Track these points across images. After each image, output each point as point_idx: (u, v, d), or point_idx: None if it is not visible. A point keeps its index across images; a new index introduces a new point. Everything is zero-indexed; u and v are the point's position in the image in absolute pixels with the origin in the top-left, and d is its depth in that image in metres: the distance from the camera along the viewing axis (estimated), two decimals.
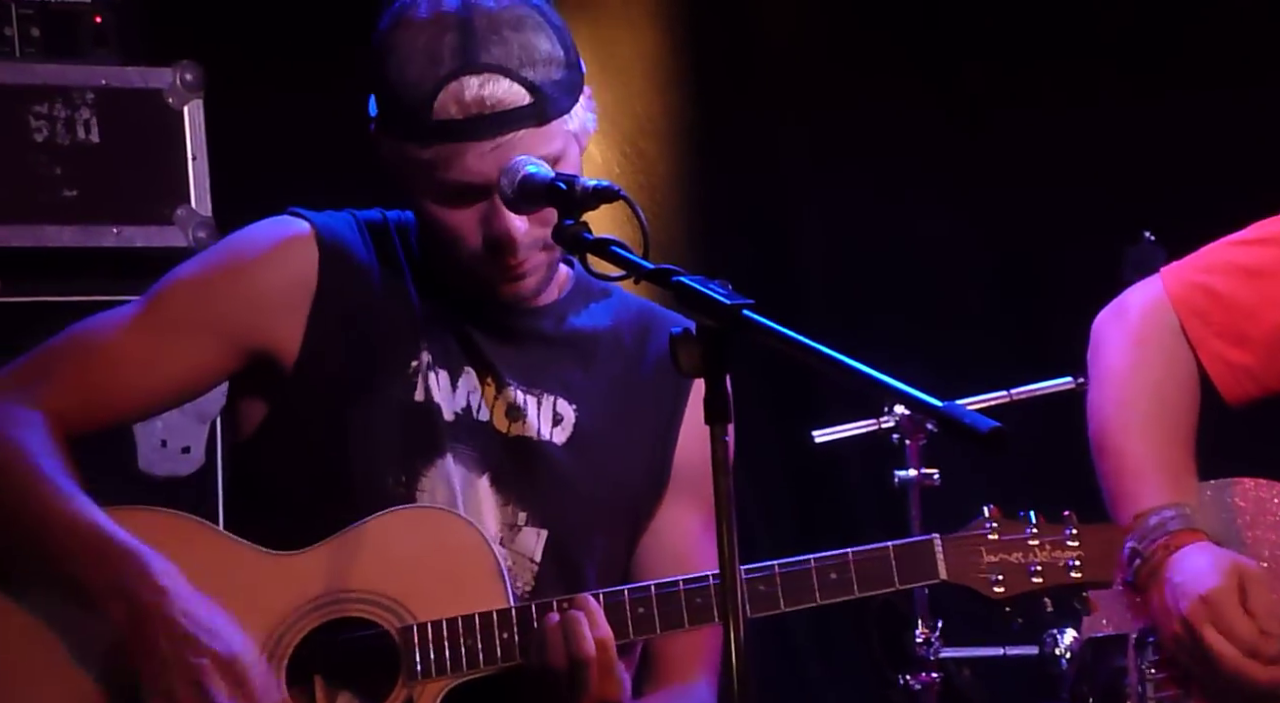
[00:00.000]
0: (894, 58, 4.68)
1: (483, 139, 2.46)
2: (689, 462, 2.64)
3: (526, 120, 2.46)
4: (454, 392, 2.59)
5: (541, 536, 2.59)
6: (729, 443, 2.05)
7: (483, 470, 2.58)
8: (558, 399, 2.61)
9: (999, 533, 2.52)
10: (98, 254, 3.43)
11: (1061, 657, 3.39)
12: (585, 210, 2.32)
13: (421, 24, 2.48)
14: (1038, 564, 2.51)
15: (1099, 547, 2.52)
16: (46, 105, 3.41)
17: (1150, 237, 3.80)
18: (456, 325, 2.60)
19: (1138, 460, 2.73)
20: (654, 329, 2.67)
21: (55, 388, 2.55)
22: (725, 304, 2.06)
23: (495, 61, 2.46)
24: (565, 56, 2.51)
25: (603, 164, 4.55)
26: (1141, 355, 2.78)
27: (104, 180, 3.44)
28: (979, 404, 3.76)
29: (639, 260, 2.23)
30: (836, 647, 4.50)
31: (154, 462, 3.43)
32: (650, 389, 2.64)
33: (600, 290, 2.68)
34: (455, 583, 2.49)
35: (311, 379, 2.56)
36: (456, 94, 2.45)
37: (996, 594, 2.51)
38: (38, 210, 3.40)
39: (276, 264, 2.59)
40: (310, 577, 2.50)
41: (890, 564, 2.50)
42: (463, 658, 2.47)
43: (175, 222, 3.48)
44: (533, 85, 2.46)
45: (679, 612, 2.48)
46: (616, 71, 4.58)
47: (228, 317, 2.57)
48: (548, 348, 2.62)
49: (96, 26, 3.48)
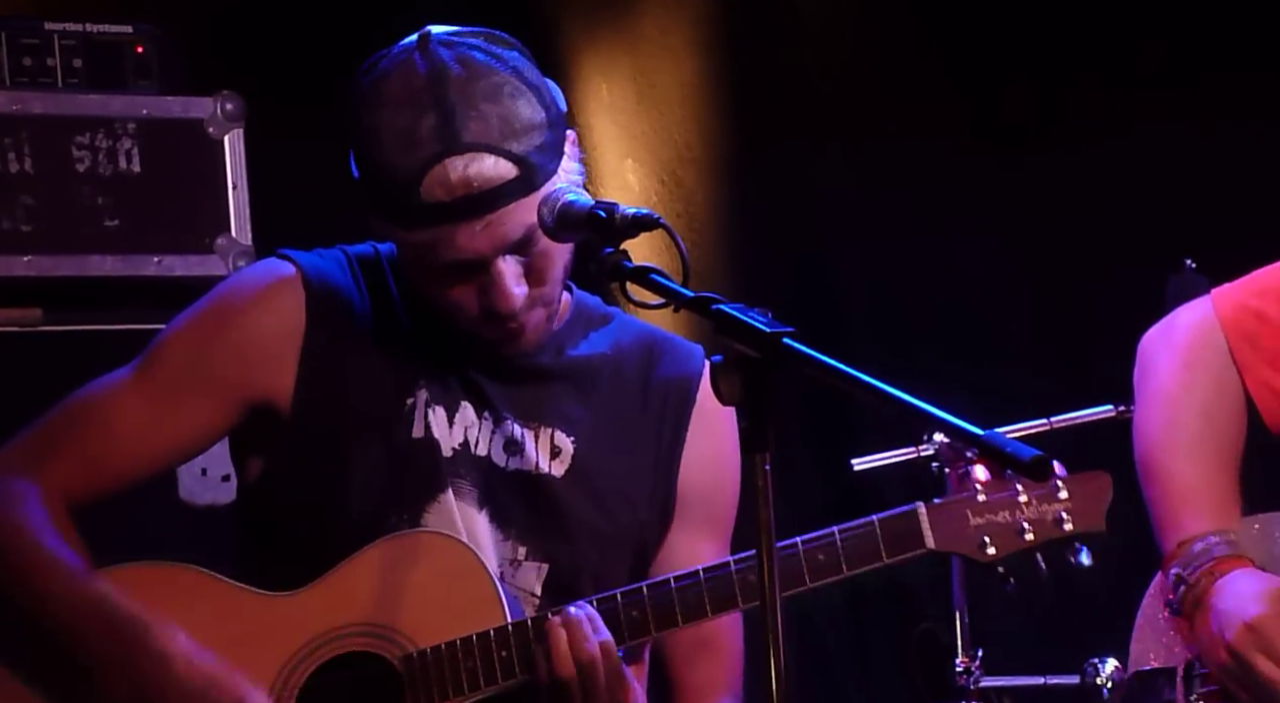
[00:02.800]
0: (934, 86, 4.67)
1: (472, 219, 2.43)
2: (696, 487, 2.63)
3: (515, 194, 2.44)
4: (451, 427, 2.57)
5: (542, 569, 2.57)
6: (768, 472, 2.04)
7: (482, 506, 2.57)
8: (555, 431, 2.60)
9: (985, 494, 2.48)
10: (139, 283, 3.45)
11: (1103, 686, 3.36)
12: (625, 239, 2.32)
13: (396, 103, 2.44)
14: (1026, 521, 2.47)
15: (1087, 496, 2.48)
16: (89, 135, 3.43)
17: (1192, 265, 3.78)
18: (452, 360, 2.58)
19: (1184, 484, 2.71)
20: (655, 354, 2.65)
21: (56, 462, 2.54)
22: (766, 332, 2.05)
23: (477, 139, 2.42)
24: (546, 116, 2.47)
25: (640, 192, 4.55)
26: (1190, 376, 2.76)
27: (145, 210, 3.46)
28: (1019, 432, 3.74)
29: (679, 288, 2.22)
30: (876, 675, 4.48)
31: (195, 491, 3.44)
32: (652, 416, 2.63)
33: (601, 316, 2.67)
34: (452, 606, 2.48)
35: (308, 423, 2.55)
36: (441, 177, 2.42)
37: (988, 557, 2.47)
38: (80, 240, 3.42)
39: (261, 311, 2.57)
40: (310, 615, 2.50)
41: (877, 539, 2.47)
42: (463, 680, 2.46)
43: (216, 251, 3.50)
44: (518, 157, 2.43)
45: (672, 610, 2.47)
46: (655, 100, 4.58)
47: (220, 374, 2.56)
48: (545, 380, 2.61)
49: (138, 57, 3.50)
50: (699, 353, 2.67)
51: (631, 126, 4.59)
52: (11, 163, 3.38)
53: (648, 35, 4.59)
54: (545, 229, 2.43)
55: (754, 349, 2.06)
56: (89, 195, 3.43)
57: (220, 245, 3.50)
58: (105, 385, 2.58)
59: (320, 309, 2.56)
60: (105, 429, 2.55)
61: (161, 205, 3.47)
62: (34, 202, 3.39)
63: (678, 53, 4.60)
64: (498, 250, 2.46)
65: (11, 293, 3.40)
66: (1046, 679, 3.82)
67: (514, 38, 2.54)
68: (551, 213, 2.41)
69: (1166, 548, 2.69)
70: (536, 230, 2.44)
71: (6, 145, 3.38)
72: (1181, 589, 2.64)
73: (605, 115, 4.55)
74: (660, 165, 4.61)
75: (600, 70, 4.54)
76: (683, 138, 4.61)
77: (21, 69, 3.43)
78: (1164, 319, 2.85)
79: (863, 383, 2.01)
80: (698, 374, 2.64)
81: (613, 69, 4.54)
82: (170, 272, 3.46)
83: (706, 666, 2.61)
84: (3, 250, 3.37)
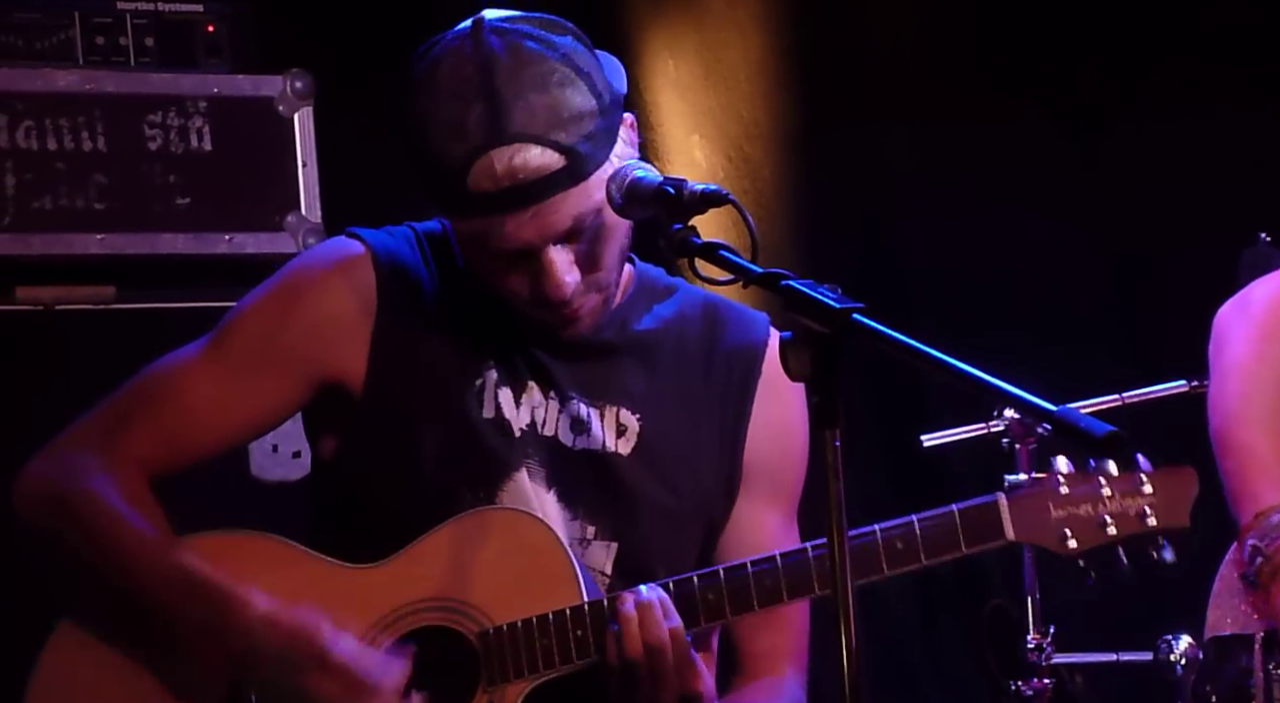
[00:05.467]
0: (1002, 59, 4.65)
1: (519, 210, 2.43)
2: (762, 458, 2.62)
3: (562, 184, 2.43)
4: (518, 408, 2.57)
5: (611, 548, 2.57)
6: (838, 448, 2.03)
7: (550, 486, 2.57)
8: (621, 410, 2.59)
9: (1068, 486, 2.44)
10: (210, 261, 3.47)
11: (1177, 663, 3.34)
12: (693, 215, 2.31)
13: (446, 93, 2.44)
14: (1109, 515, 2.42)
15: (1172, 491, 2.42)
16: (160, 114, 3.45)
17: (1266, 238, 3.75)
18: (518, 340, 2.58)
19: (1261, 456, 2.70)
20: (719, 324, 2.64)
21: (129, 437, 2.56)
22: (836, 308, 2.04)
23: (523, 130, 2.41)
24: (598, 104, 2.45)
25: (708, 168, 4.54)
26: (1267, 349, 2.75)
27: (216, 188, 3.48)
28: (1090, 408, 3.72)
29: (748, 264, 2.22)
30: (947, 652, 4.47)
31: (266, 467, 3.46)
32: (717, 389, 2.62)
33: (664, 288, 2.66)
34: (528, 583, 2.48)
35: (381, 401, 2.56)
36: (487, 168, 2.42)
37: (1069, 550, 2.43)
38: (152, 219, 3.44)
39: (333, 290, 2.57)
40: (388, 588, 2.51)
41: (956, 529, 2.44)
42: (539, 658, 2.47)
43: (286, 228, 3.52)
44: (565, 148, 2.42)
45: (748, 594, 2.46)
46: (722, 76, 4.57)
47: (291, 351, 2.56)
48: (610, 358, 2.60)
49: (209, 36, 3.52)
50: (763, 321, 2.66)
51: (698, 102, 4.58)
52: (85, 141, 3.41)
53: (714, 9, 4.57)
54: (614, 205, 2.42)
55: (823, 325, 2.05)
56: (160, 174, 3.45)
57: (290, 223, 3.52)
58: (177, 361, 2.60)
59: (390, 287, 2.57)
60: (177, 404, 2.57)
61: (232, 183, 3.49)
62: (107, 180, 3.41)
63: (744, 27, 4.59)
64: (546, 240, 2.46)
65: (85, 271, 3.42)
66: (1119, 656, 3.80)
67: (570, 22, 2.52)
68: (620, 189, 2.40)
69: (1243, 520, 2.68)
70: (587, 219, 2.45)
71: (80, 124, 3.40)
72: (1258, 561, 2.63)
73: (672, 91, 4.54)
74: (727, 141, 4.60)
75: (667, 46, 4.53)
76: (749, 113, 4.60)
77: (94, 48, 3.45)
78: (1239, 293, 2.83)
79: (934, 359, 2.00)
80: (763, 342, 2.63)
81: (679, 44, 4.53)
82: (241, 249, 3.48)
83: (771, 635, 2.60)
84: (76, 229, 3.39)
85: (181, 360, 2.59)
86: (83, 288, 3.43)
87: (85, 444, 2.57)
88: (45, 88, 3.40)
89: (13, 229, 3.36)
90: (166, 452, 2.57)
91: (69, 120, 3.39)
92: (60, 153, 3.39)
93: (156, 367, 2.60)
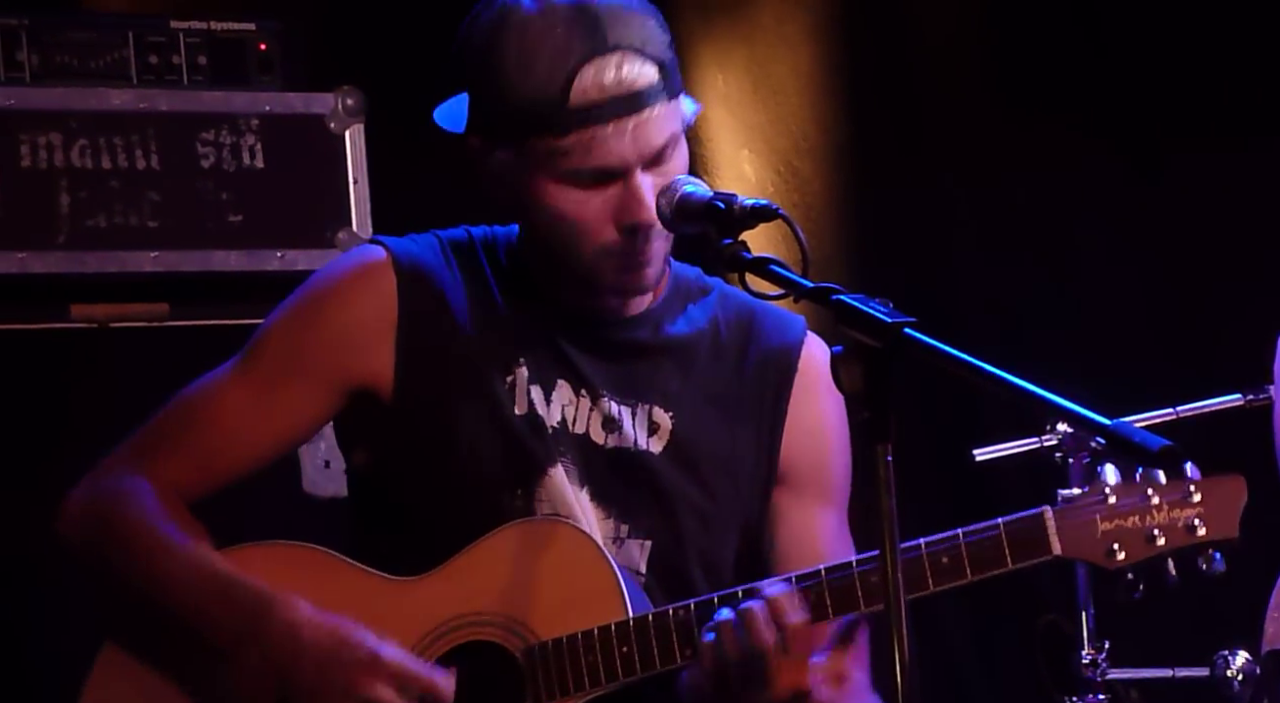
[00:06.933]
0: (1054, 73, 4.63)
1: (625, 117, 2.46)
2: (802, 459, 2.62)
3: (660, 96, 2.48)
4: (549, 405, 2.58)
5: (645, 547, 2.57)
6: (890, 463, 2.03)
7: (583, 484, 2.58)
8: (653, 408, 2.60)
9: (1115, 497, 2.40)
10: (262, 278, 3.48)
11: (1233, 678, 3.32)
12: (743, 229, 2.32)
13: (535, 20, 2.48)
14: (1157, 527, 2.38)
15: (1221, 500, 2.37)
16: (213, 132, 3.47)
17: None
18: (548, 338, 2.59)
19: None
20: (755, 325, 2.64)
21: (166, 459, 2.58)
22: (888, 322, 2.04)
23: (622, 40, 2.46)
24: (669, 37, 2.53)
25: (757, 182, 4.54)
26: None
27: (268, 205, 3.50)
28: (1144, 422, 3.70)
29: (799, 279, 2.22)
30: (1001, 667, 4.44)
31: (318, 483, 3.47)
32: (752, 390, 2.62)
33: (700, 289, 2.66)
34: (574, 598, 2.48)
35: (412, 405, 2.57)
36: (595, 77, 2.45)
37: (1116, 563, 2.39)
38: (205, 236, 3.46)
39: (354, 296, 2.59)
40: (433, 602, 2.51)
41: (1002, 543, 2.41)
42: (585, 676, 2.46)
43: (337, 245, 3.53)
44: (660, 61, 2.48)
45: (823, 602, 2.44)
46: (771, 90, 4.57)
47: (318, 360, 2.58)
48: (643, 356, 2.61)
49: (261, 54, 3.54)
50: (800, 322, 2.66)
51: (747, 117, 4.58)
52: (139, 160, 3.43)
53: (764, 24, 4.57)
54: (664, 220, 2.43)
55: (875, 339, 2.05)
56: (213, 191, 3.47)
57: (342, 239, 3.53)
58: (209, 381, 2.62)
59: (412, 291, 2.58)
60: (211, 424, 2.58)
61: (284, 200, 3.51)
62: (160, 198, 3.44)
63: (794, 42, 4.58)
64: (642, 157, 2.48)
65: (138, 289, 3.45)
66: (1175, 672, 3.77)
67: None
68: (670, 203, 2.41)
69: None
70: (675, 141, 2.49)
71: (134, 142, 3.43)
72: None
73: (721, 105, 4.54)
74: (776, 155, 4.59)
75: (716, 60, 4.53)
76: (799, 128, 4.59)
77: (148, 67, 3.48)
78: None
79: (986, 372, 1.99)
80: (798, 343, 2.63)
81: (728, 59, 4.53)
82: (293, 266, 3.49)
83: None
84: (130, 247, 3.42)
85: (213, 381, 2.62)
86: (136, 305, 3.45)
87: (122, 467, 2.59)
88: (99, 106, 3.42)
89: (67, 247, 3.38)
90: (203, 473, 2.59)
91: (123, 139, 3.42)
92: (114, 171, 3.42)
93: (190, 389, 2.63)
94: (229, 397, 2.59)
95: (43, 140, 3.38)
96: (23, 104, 3.37)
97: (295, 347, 2.59)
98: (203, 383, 2.62)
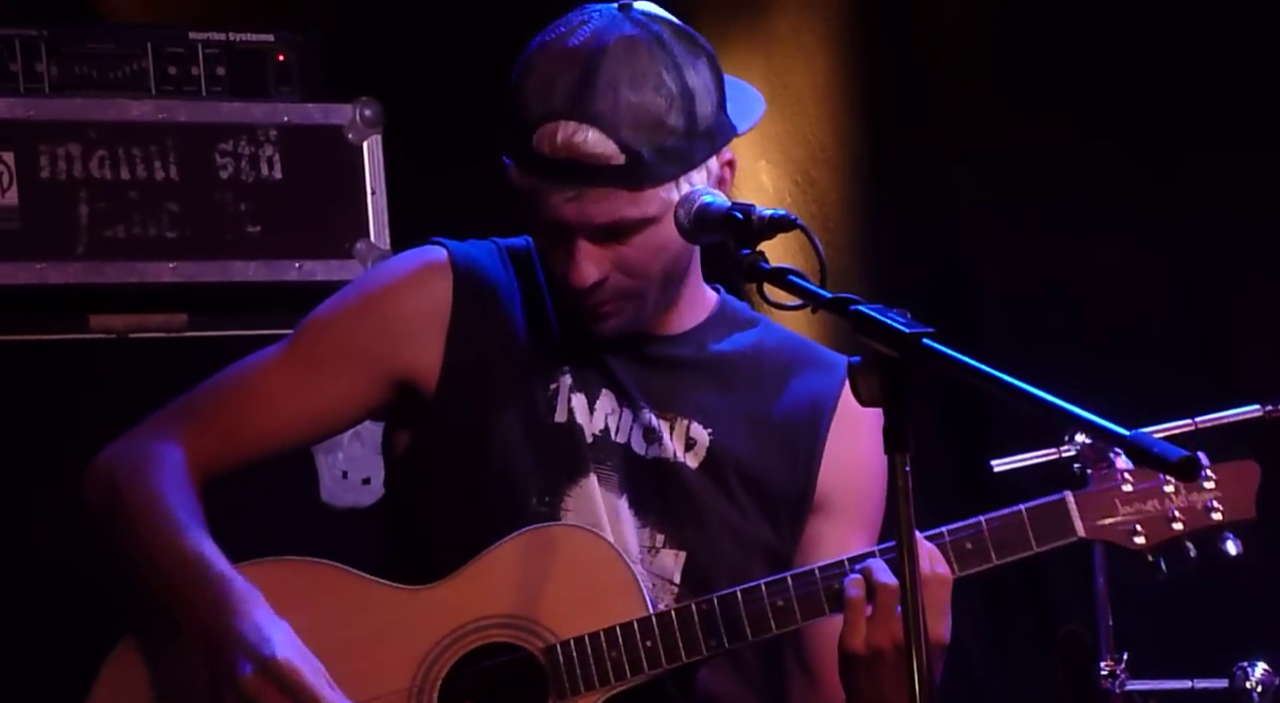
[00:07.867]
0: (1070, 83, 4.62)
1: (563, 185, 2.46)
2: (840, 488, 2.64)
3: (615, 180, 2.46)
4: (592, 414, 2.60)
5: (680, 557, 2.59)
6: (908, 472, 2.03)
7: (622, 492, 2.60)
8: (691, 423, 2.62)
9: (1133, 483, 2.50)
10: (280, 288, 3.50)
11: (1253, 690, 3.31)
12: (761, 240, 2.32)
13: (556, 53, 2.49)
14: (1176, 509, 2.49)
15: (1236, 483, 2.49)
16: (231, 143, 3.49)
17: None
18: (594, 349, 2.61)
19: None
20: (799, 361, 2.66)
21: (196, 426, 2.61)
22: (906, 332, 2.05)
23: (600, 114, 2.45)
24: (686, 125, 2.48)
25: (774, 193, 4.54)
26: None
27: (286, 216, 3.51)
28: (1163, 433, 3.69)
29: (817, 289, 2.22)
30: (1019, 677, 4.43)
31: (336, 493, 3.48)
32: (789, 420, 2.63)
33: (746, 320, 2.69)
34: (593, 597, 2.50)
35: (452, 403, 2.59)
36: (551, 133, 2.46)
37: (1137, 546, 2.49)
38: (223, 246, 3.47)
39: (411, 291, 2.63)
40: (450, 607, 2.52)
41: (1025, 528, 2.48)
42: (609, 671, 2.48)
43: (355, 255, 3.54)
44: (629, 148, 2.45)
45: (819, 604, 2.47)
46: (788, 100, 4.57)
47: (366, 347, 2.61)
48: (683, 372, 2.63)
49: (279, 65, 3.55)
50: (844, 363, 2.66)
51: (764, 127, 4.57)
52: (157, 170, 3.44)
53: (781, 35, 4.57)
54: (681, 230, 2.43)
55: (893, 349, 2.05)
56: (231, 202, 3.48)
57: (359, 250, 3.54)
58: (255, 358, 2.66)
59: (468, 293, 2.61)
60: (248, 397, 2.61)
61: (302, 211, 3.52)
62: (178, 209, 3.45)
63: (811, 52, 4.58)
64: (582, 227, 2.49)
65: (157, 299, 3.46)
66: (1194, 683, 3.76)
67: (711, 47, 2.57)
68: (688, 214, 2.42)
69: None
70: (630, 225, 2.47)
71: (153, 153, 3.44)
72: None
73: None
74: (794, 166, 4.59)
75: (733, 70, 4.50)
76: (816, 138, 4.59)
77: (167, 78, 3.49)
78: None
79: (1004, 383, 1.99)
80: (840, 382, 2.64)
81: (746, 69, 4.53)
82: (311, 277, 3.50)
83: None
84: (149, 257, 3.43)
85: (258, 358, 2.65)
86: (155, 316, 3.46)
87: (153, 432, 2.62)
88: (118, 117, 3.43)
89: (86, 257, 3.40)
90: (234, 443, 2.61)
91: (141, 149, 3.43)
92: (133, 182, 3.43)
93: (235, 364, 2.66)
94: (269, 373, 2.62)
95: (62, 151, 3.39)
96: (42, 115, 3.39)
97: (346, 331, 2.62)
98: (248, 359, 2.66)
